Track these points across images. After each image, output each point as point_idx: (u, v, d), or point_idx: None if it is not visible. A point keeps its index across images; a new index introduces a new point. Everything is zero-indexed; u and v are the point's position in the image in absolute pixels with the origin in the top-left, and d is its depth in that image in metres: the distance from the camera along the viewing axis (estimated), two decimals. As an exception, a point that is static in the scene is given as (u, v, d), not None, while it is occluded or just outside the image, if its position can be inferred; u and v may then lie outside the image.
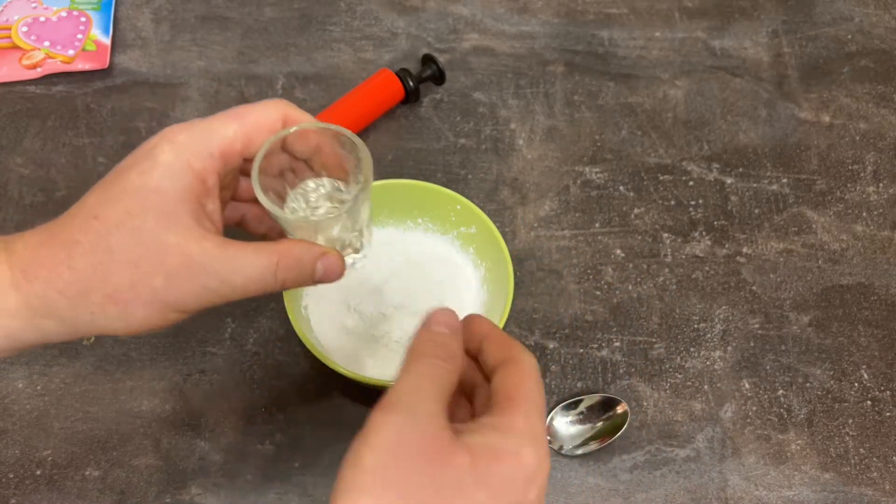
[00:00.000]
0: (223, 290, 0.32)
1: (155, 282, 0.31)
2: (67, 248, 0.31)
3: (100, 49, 0.64)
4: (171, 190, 0.31)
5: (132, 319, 0.31)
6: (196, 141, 0.32)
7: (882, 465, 0.51)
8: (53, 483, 0.48)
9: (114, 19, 0.67)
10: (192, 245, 0.31)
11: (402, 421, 0.27)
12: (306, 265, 0.34)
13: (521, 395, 0.30)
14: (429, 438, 0.27)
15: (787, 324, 0.56)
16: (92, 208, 0.31)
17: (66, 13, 0.66)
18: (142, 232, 0.30)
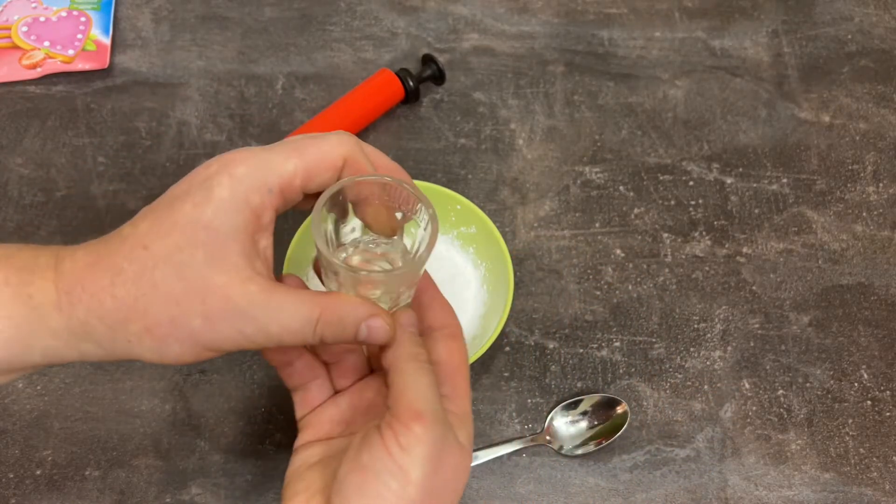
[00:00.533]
0: (258, 338, 0.31)
1: (193, 322, 0.30)
2: (112, 274, 0.30)
3: (100, 49, 0.64)
4: (223, 227, 0.30)
5: (166, 353, 0.31)
6: (255, 175, 0.31)
7: (882, 464, 0.51)
8: (53, 483, 0.48)
9: (114, 19, 0.67)
10: (237, 287, 0.30)
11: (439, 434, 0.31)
12: (349, 325, 0.32)
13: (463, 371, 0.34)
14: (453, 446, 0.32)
15: (787, 324, 0.56)
16: (142, 237, 0.31)
17: (66, 13, 0.66)
18: (188, 268, 0.30)
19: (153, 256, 0.30)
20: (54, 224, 0.57)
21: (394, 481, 0.30)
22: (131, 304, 0.30)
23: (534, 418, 0.52)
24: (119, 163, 0.60)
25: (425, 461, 0.30)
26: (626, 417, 0.51)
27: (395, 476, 0.30)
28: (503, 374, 0.53)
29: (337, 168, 0.33)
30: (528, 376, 0.53)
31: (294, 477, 0.34)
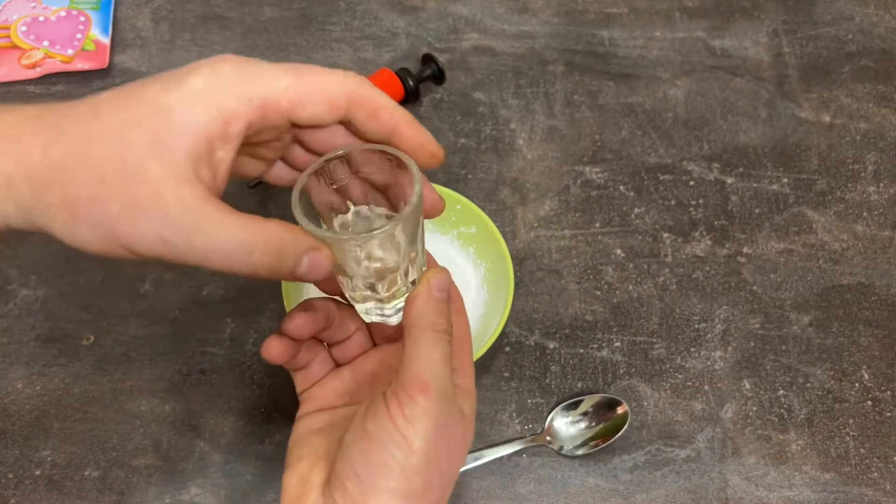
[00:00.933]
0: (180, 248, 0.28)
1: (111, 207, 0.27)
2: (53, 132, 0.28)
3: (99, 49, 0.64)
4: (182, 116, 0.27)
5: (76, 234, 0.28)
6: (238, 78, 0.29)
7: (882, 465, 0.51)
8: (53, 483, 0.48)
9: (113, 19, 0.67)
10: (170, 184, 0.27)
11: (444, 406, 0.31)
12: (288, 256, 0.30)
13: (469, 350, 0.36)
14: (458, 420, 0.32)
15: (788, 324, 0.56)
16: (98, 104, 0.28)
17: (65, 13, 0.66)
18: (129, 149, 0.27)
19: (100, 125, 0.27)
20: (54, 224, 0.57)
21: (398, 451, 0.30)
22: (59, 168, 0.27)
23: (534, 419, 0.52)
24: (119, 163, 0.60)
25: (429, 432, 0.30)
26: (627, 418, 0.51)
27: (399, 446, 0.30)
28: (503, 375, 0.53)
29: (331, 102, 0.30)
30: (528, 376, 0.53)
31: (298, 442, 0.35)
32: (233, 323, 0.54)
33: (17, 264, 0.55)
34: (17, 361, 0.52)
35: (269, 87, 0.29)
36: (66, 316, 0.54)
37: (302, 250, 0.30)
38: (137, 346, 0.53)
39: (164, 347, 0.53)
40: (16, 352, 0.52)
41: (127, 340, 0.53)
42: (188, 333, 0.53)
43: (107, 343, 0.53)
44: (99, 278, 0.55)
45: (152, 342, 0.53)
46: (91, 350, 0.53)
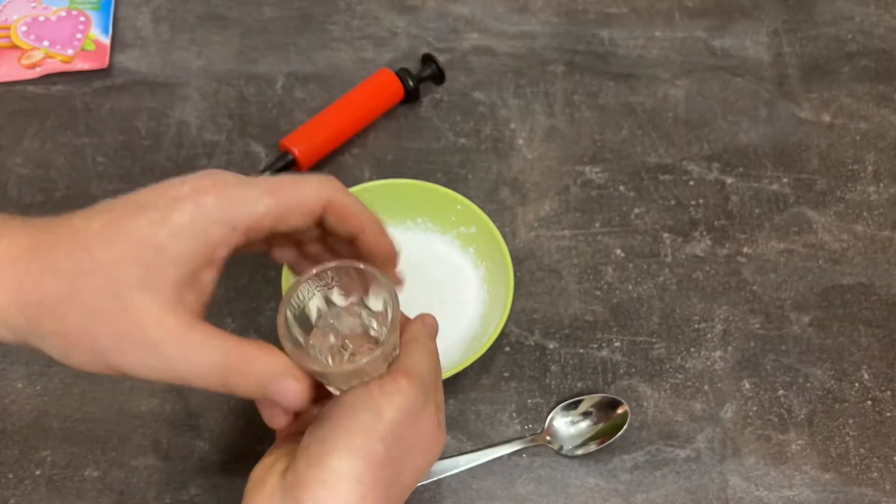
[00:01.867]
0: (165, 374, 0.30)
1: (102, 340, 0.29)
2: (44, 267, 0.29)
3: (99, 49, 0.64)
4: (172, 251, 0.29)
5: (71, 359, 0.30)
6: (222, 209, 0.30)
7: (882, 465, 0.51)
8: (53, 483, 0.48)
9: (113, 19, 0.67)
10: (154, 316, 0.29)
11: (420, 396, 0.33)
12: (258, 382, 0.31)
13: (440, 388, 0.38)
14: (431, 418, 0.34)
15: (788, 324, 0.56)
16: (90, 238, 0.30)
17: (65, 13, 0.66)
18: (119, 285, 0.29)
19: (92, 262, 0.29)
20: (54, 224, 0.57)
21: (367, 414, 0.31)
22: (52, 303, 0.29)
23: (534, 418, 0.52)
24: (118, 163, 0.60)
25: (401, 409, 0.32)
26: (627, 418, 0.51)
27: (370, 410, 0.31)
28: (503, 375, 0.53)
29: (312, 213, 0.33)
30: (528, 376, 0.53)
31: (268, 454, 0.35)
32: (233, 322, 0.54)
33: (17, 264, 0.55)
34: (17, 361, 0.52)
35: (251, 213, 0.31)
36: (65, 316, 0.54)
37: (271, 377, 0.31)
38: (137, 346, 0.53)
39: (163, 347, 0.53)
40: (16, 351, 0.52)
41: (127, 340, 0.53)
42: (188, 333, 0.53)
43: (107, 343, 0.53)
44: (99, 278, 0.55)
45: (152, 342, 0.53)
46: (91, 350, 0.53)
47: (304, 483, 0.30)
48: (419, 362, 0.34)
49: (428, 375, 0.34)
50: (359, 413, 0.32)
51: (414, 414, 0.33)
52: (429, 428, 0.34)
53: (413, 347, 0.35)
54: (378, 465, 0.31)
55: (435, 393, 0.35)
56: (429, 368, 0.35)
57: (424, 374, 0.34)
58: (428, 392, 0.34)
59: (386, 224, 0.37)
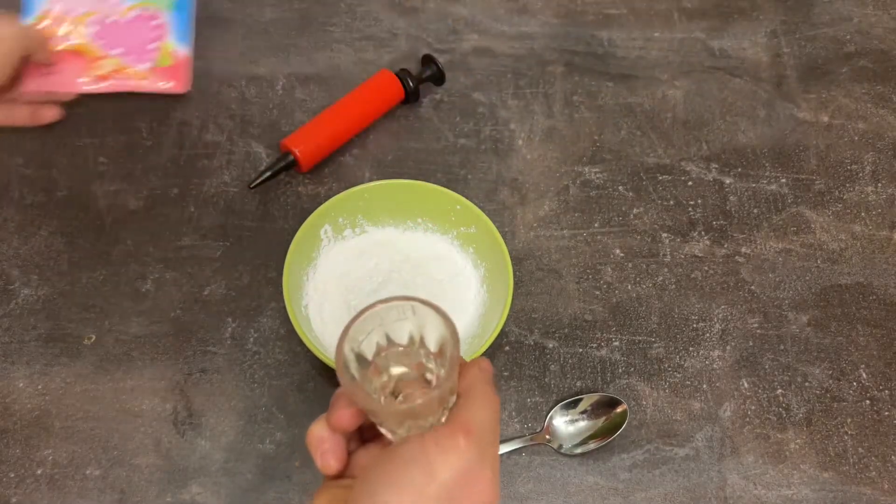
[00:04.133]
0: None
1: None
2: None
3: (177, 64, 0.53)
4: None
5: None
6: None
7: (880, 464, 0.51)
8: (54, 482, 0.48)
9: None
10: None
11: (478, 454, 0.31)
12: None
13: None
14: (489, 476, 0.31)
15: (786, 323, 0.56)
16: None
17: (138, 12, 0.54)
18: None
19: None
20: (55, 224, 0.57)
21: (420, 472, 0.30)
22: None
23: (533, 417, 0.52)
24: (120, 163, 0.60)
25: (456, 470, 0.30)
26: (626, 416, 0.51)
27: (423, 468, 0.30)
28: (503, 374, 0.53)
29: None
30: (527, 375, 0.53)
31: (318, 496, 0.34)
32: (234, 322, 0.54)
33: (19, 264, 0.56)
34: (18, 361, 0.52)
35: None
36: (67, 315, 0.54)
37: None
38: (138, 346, 0.53)
39: (165, 347, 0.53)
40: (17, 351, 0.52)
41: (128, 340, 0.53)
42: (189, 333, 0.54)
43: (108, 342, 0.53)
44: (100, 278, 0.55)
45: (153, 341, 0.53)
46: (92, 349, 0.53)
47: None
48: (479, 415, 0.32)
49: (488, 430, 0.32)
50: (411, 470, 0.30)
51: (470, 475, 0.30)
52: (484, 489, 0.31)
53: (473, 397, 0.33)
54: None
55: (492, 448, 0.32)
56: (489, 422, 0.32)
57: (484, 428, 0.32)
58: (486, 450, 0.31)
59: None
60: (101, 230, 0.57)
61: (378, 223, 0.56)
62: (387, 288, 0.54)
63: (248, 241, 0.57)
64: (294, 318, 0.48)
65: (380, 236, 0.56)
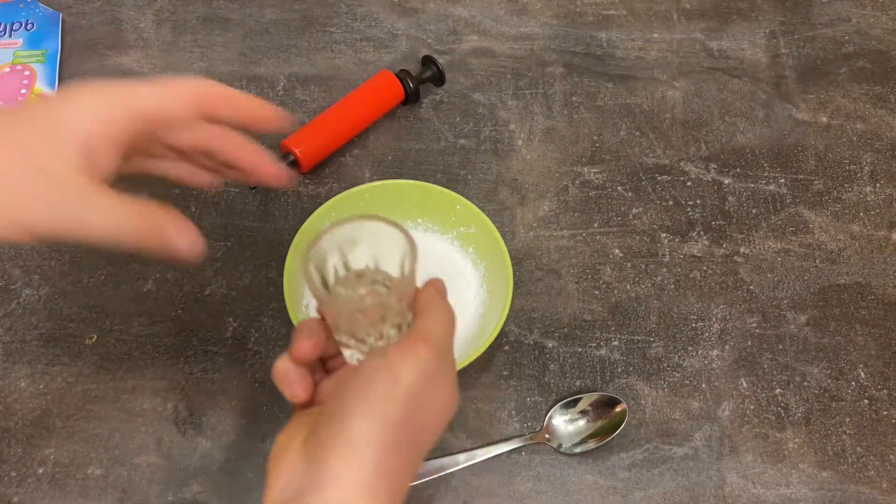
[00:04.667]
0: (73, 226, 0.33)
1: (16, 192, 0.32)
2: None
3: None
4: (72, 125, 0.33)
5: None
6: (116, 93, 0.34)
7: (879, 463, 0.52)
8: (56, 481, 0.49)
9: (113, 21, 0.67)
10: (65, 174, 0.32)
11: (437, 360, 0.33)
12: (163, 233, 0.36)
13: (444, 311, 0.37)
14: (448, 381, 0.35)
15: (785, 323, 0.56)
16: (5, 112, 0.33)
17: (9, 69, 0.64)
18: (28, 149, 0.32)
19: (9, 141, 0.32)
20: (57, 224, 0.57)
21: (386, 379, 0.32)
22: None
23: (533, 417, 0.52)
24: (121, 163, 0.60)
25: (419, 373, 0.32)
26: (625, 416, 0.51)
27: (387, 376, 0.32)
28: (502, 373, 0.53)
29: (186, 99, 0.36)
30: (527, 375, 0.53)
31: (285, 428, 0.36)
32: (234, 322, 0.54)
33: (21, 264, 0.56)
34: (20, 360, 0.52)
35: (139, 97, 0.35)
36: (68, 315, 0.54)
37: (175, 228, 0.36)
38: (140, 345, 0.53)
39: (166, 346, 0.53)
40: (19, 351, 0.53)
41: (129, 339, 0.53)
42: (190, 332, 0.54)
43: (109, 342, 0.53)
44: (101, 278, 0.55)
45: (154, 341, 0.53)
46: (93, 349, 0.53)
47: (327, 445, 0.32)
48: (436, 327, 0.35)
49: (444, 338, 0.35)
50: (378, 378, 0.32)
51: (431, 378, 0.33)
52: (445, 391, 0.34)
53: (430, 311, 0.35)
54: (397, 428, 0.32)
55: (449, 356, 0.35)
56: (445, 332, 0.35)
57: (441, 337, 0.34)
58: (444, 355, 0.34)
59: None
60: (103, 230, 0.57)
61: (378, 223, 0.56)
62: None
63: (248, 241, 0.57)
64: (294, 318, 0.49)
65: (380, 236, 0.56)
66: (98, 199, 0.33)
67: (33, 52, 0.65)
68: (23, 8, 0.67)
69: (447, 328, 0.35)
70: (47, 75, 0.63)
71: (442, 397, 0.34)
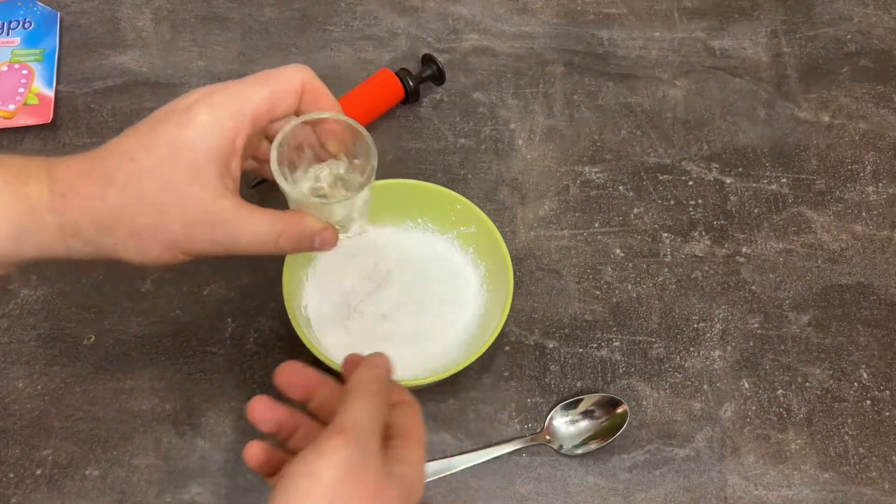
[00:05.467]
0: (228, 246, 0.37)
1: (174, 228, 0.35)
2: (103, 183, 0.34)
3: (42, 102, 0.61)
4: (202, 148, 0.35)
5: (147, 255, 0.36)
6: (231, 103, 0.36)
7: (881, 464, 0.51)
8: (54, 483, 0.48)
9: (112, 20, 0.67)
10: (212, 202, 0.35)
11: (356, 451, 0.32)
12: (306, 238, 0.39)
13: (417, 431, 0.37)
14: (374, 469, 0.33)
15: (787, 323, 0.56)
16: (130, 151, 0.35)
17: (6, 67, 0.63)
18: (170, 182, 0.34)
19: (140, 169, 0.34)
20: (55, 224, 0.57)
21: (304, 480, 0.32)
22: (119, 211, 0.34)
23: (533, 418, 0.52)
24: (119, 163, 0.60)
25: (337, 468, 0.32)
26: (626, 417, 0.51)
27: (306, 475, 0.32)
28: (503, 374, 0.53)
29: (297, 92, 0.38)
30: (527, 376, 0.53)
31: None
32: (233, 322, 0.54)
33: (18, 264, 0.56)
34: (18, 361, 0.52)
35: (254, 101, 0.36)
36: (66, 315, 0.54)
37: (314, 233, 0.39)
38: (138, 346, 0.53)
39: (164, 347, 0.53)
40: (17, 351, 0.52)
41: (128, 340, 0.53)
42: (189, 333, 0.54)
43: (107, 342, 0.53)
44: (100, 278, 0.55)
45: (153, 341, 0.53)
46: (92, 349, 0.53)
47: None
48: (355, 414, 0.34)
49: (365, 428, 0.34)
50: (296, 479, 0.32)
51: (354, 468, 0.32)
52: (374, 477, 0.33)
53: (350, 398, 0.35)
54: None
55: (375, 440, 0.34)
56: (367, 417, 0.34)
57: (362, 425, 0.34)
58: (367, 443, 0.33)
59: None
60: (101, 230, 0.57)
61: (378, 223, 0.56)
62: (387, 288, 0.54)
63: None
64: (294, 319, 0.48)
65: (380, 236, 0.56)
66: (245, 217, 0.36)
67: (31, 50, 0.64)
68: (21, 6, 0.66)
69: (369, 415, 0.34)
70: (45, 74, 0.63)
71: (372, 485, 0.33)
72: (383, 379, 0.37)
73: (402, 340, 0.52)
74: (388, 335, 0.52)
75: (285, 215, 0.38)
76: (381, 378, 0.37)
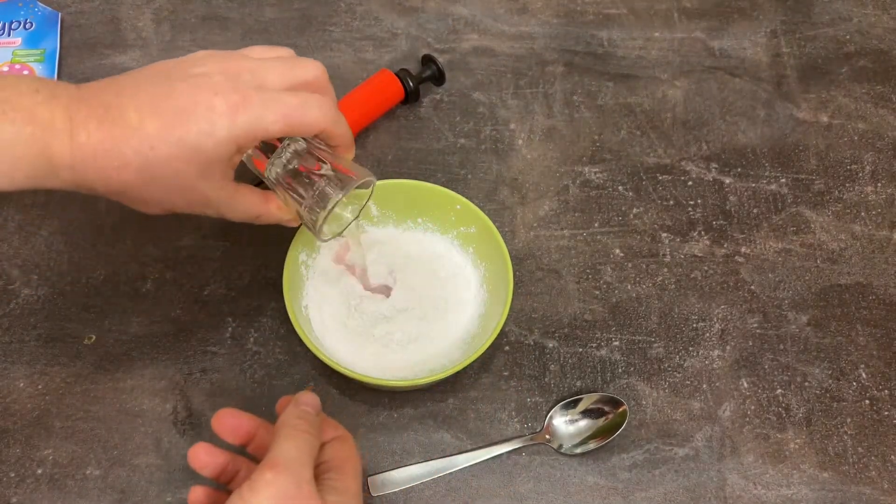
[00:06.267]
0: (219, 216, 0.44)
1: (178, 203, 0.42)
2: (121, 162, 0.39)
3: None
4: (216, 157, 0.40)
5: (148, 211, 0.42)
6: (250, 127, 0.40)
7: (880, 463, 0.51)
8: (54, 482, 0.48)
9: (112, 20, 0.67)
10: (214, 191, 0.42)
11: (289, 483, 0.35)
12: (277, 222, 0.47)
13: (352, 463, 0.40)
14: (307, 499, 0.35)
15: (786, 323, 0.56)
16: (150, 138, 0.39)
17: (7, 67, 0.63)
18: (182, 174, 0.40)
19: (157, 157, 0.39)
20: (56, 224, 0.57)
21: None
22: (131, 185, 0.40)
23: (533, 417, 0.52)
24: (120, 163, 0.60)
25: (271, 500, 0.34)
26: (625, 416, 0.51)
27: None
28: (503, 374, 0.53)
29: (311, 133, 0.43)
30: (527, 375, 0.53)
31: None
32: (234, 322, 0.54)
33: (19, 264, 0.56)
34: (18, 360, 0.52)
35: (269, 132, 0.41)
36: (67, 315, 0.54)
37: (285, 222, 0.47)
38: (139, 346, 0.53)
39: (165, 346, 0.53)
40: (17, 351, 0.52)
41: (128, 340, 0.53)
42: (189, 333, 0.54)
43: (108, 342, 0.53)
44: (100, 278, 0.55)
45: (153, 341, 0.53)
46: (92, 349, 0.53)
47: None
48: (286, 449, 0.36)
49: (295, 461, 0.36)
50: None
51: (288, 498, 0.34)
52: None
53: (280, 435, 0.37)
54: None
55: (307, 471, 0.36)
56: (297, 450, 0.37)
57: (292, 457, 0.36)
58: (299, 474, 0.35)
59: None
60: (101, 230, 0.57)
61: (378, 223, 0.56)
62: (387, 288, 0.54)
63: (248, 240, 0.57)
64: (294, 318, 0.48)
65: (380, 236, 0.56)
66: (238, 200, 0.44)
67: (32, 51, 0.65)
68: (21, 7, 0.67)
69: (298, 449, 0.37)
70: (46, 74, 0.63)
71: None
72: (310, 415, 0.40)
73: (403, 340, 0.52)
74: (387, 335, 0.52)
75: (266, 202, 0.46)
76: (308, 414, 0.40)
